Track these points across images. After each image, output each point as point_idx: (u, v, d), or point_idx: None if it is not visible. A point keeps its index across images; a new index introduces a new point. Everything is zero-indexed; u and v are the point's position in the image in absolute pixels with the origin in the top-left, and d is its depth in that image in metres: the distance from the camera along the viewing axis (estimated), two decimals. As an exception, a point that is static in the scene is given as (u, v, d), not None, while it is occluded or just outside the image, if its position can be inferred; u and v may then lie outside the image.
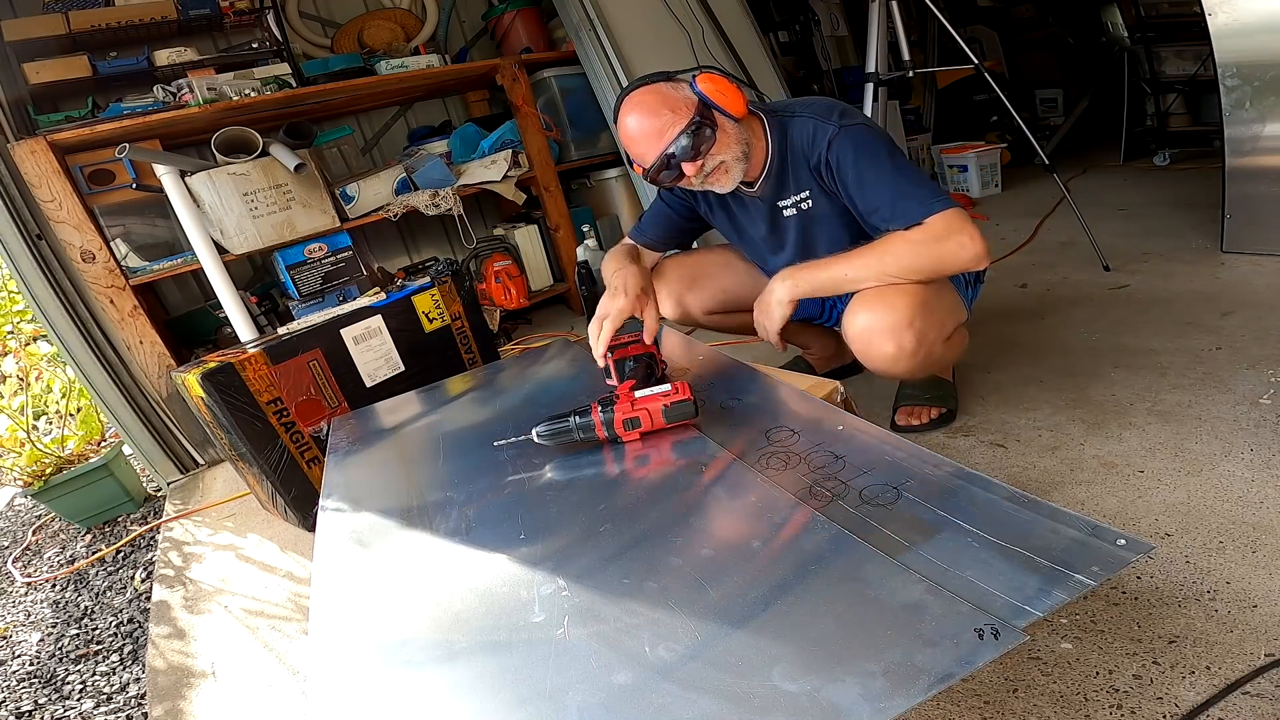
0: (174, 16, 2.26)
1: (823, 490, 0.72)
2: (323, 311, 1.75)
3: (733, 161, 1.18)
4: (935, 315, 1.16)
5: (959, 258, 1.09)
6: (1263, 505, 0.96)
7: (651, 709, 0.50)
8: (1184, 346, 1.46)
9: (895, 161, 1.14)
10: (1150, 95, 3.13)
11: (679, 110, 1.13)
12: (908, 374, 1.23)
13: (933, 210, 1.09)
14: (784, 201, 1.28)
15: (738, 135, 1.18)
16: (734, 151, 1.18)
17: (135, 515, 2.08)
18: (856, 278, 1.14)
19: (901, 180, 1.13)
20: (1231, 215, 1.85)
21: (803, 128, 1.19)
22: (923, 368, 1.21)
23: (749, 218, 1.36)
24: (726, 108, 1.15)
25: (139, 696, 1.23)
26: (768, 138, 1.23)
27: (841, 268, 1.15)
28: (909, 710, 0.45)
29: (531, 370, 1.38)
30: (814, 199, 1.25)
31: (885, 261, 1.12)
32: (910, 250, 1.10)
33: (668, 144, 1.13)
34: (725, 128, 1.16)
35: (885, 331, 1.13)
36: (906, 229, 1.11)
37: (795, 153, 1.22)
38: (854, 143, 1.15)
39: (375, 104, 2.85)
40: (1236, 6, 1.65)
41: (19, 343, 2.47)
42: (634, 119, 1.15)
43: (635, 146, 1.18)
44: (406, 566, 0.78)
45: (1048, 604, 0.50)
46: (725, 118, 1.16)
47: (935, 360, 1.22)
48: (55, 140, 1.89)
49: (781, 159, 1.24)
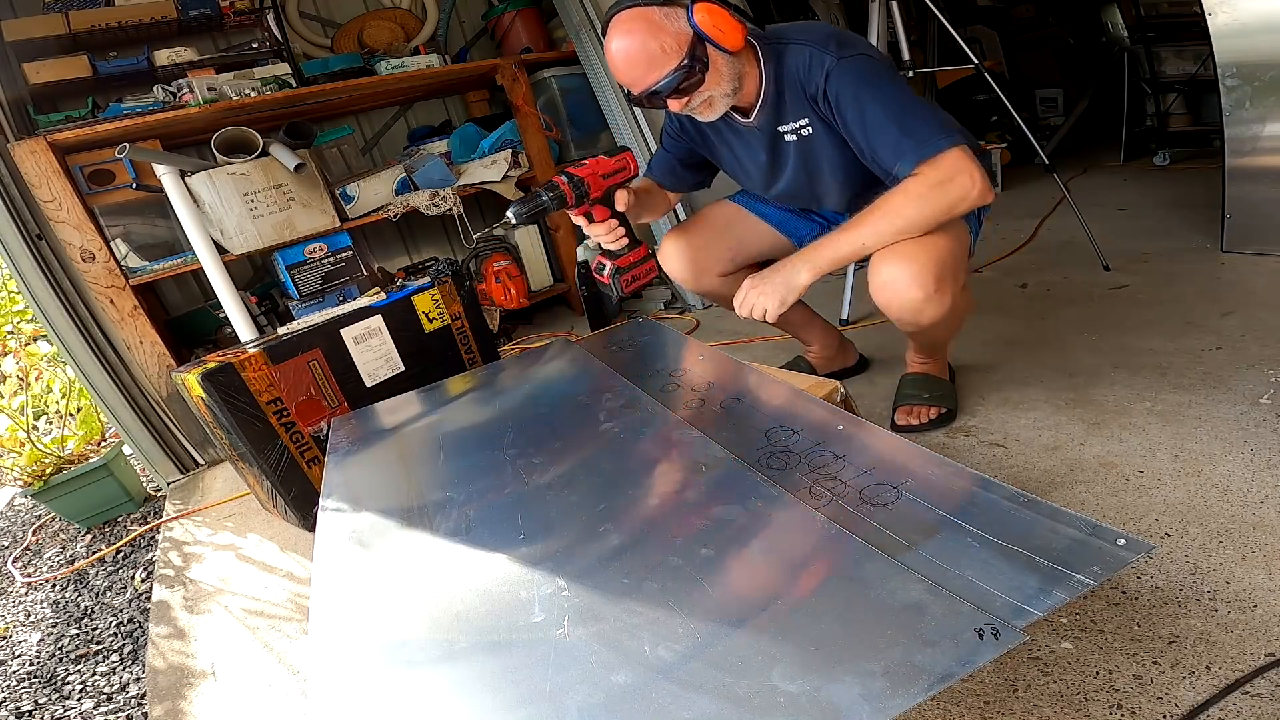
0: (174, 16, 2.25)
1: (823, 490, 0.72)
2: (323, 311, 1.75)
3: (720, 96, 1.16)
4: (953, 256, 1.16)
5: (966, 199, 1.09)
6: (1263, 505, 0.96)
7: (651, 709, 0.50)
8: (1184, 346, 1.46)
9: (895, 95, 1.10)
10: (1150, 95, 3.13)
11: (669, 47, 1.08)
12: (933, 321, 1.20)
13: (936, 149, 1.07)
14: (784, 127, 1.25)
15: (730, 70, 1.15)
16: (723, 87, 1.15)
17: (135, 515, 2.08)
18: (875, 243, 1.15)
19: (903, 117, 1.09)
20: (1231, 215, 1.85)
21: (798, 57, 1.15)
22: (947, 317, 1.20)
23: (748, 148, 1.33)
24: (722, 42, 1.10)
25: (139, 696, 1.23)
26: (762, 67, 1.19)
27: (857, 237, 1.15)
28: (909, 710, 0.45)
29: (531, 370, 1.38)
30: (813, 127, 1.22)
31: (897, 222, 1.11)
32: (918, 205, 1.09)
33: (654, 81, 1.11)
34: (717, 64, 1.13)
35: (910, 280, 1.14)
36: (912, 172, 1.09)
37: (792, 82, 1.18)
38: (853, 76, 1.11)
39: (375, 104, 2.85)
40: (1236, 6, 1.65)
41: (19, 343, 2.47)
42: (621, 46, 1.11)
43: (620, 74, 1.14)
44: (406, 566, 0.78)
45: (1048, 604, 0.50)
46: (719, 52, 1.12)
47: (957, 312, 1.22)
48: (55, 140, 1.89)
49: (778, 88, 1.20)
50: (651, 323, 1.40)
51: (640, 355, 1.26)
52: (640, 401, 1.04)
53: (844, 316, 2.07)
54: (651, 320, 1.44)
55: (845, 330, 2.03)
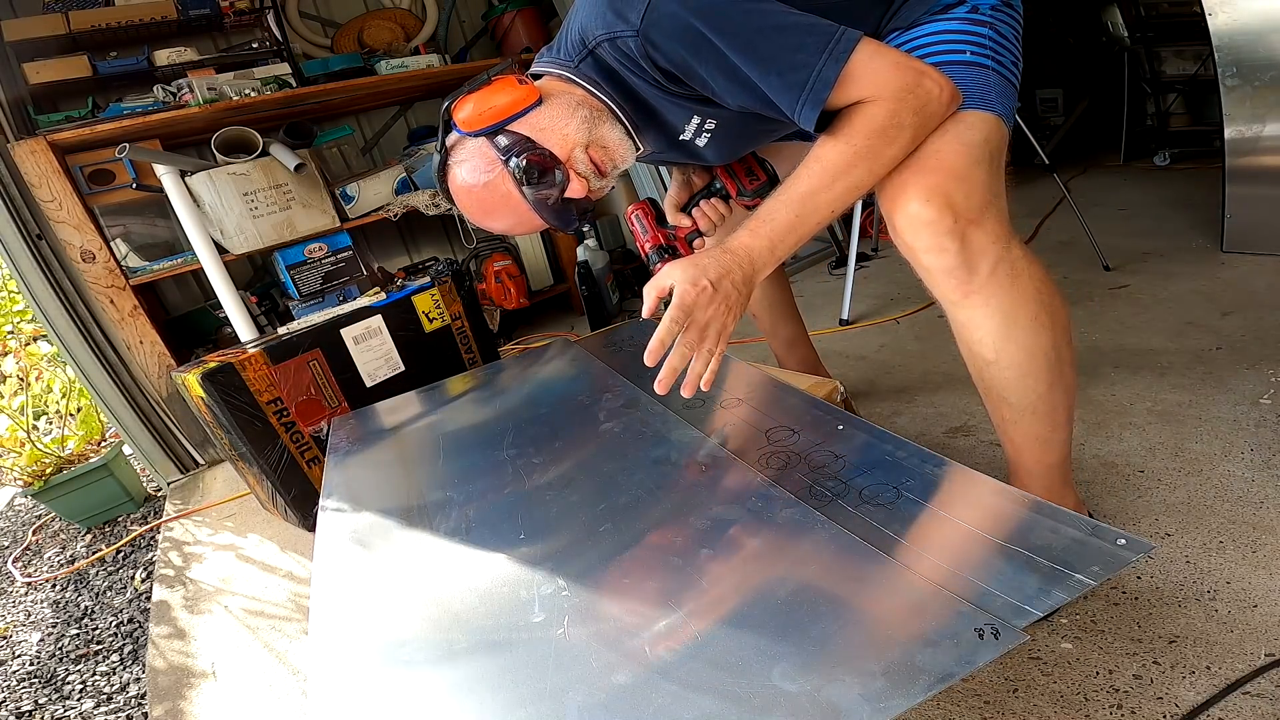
0: (174, 16, 2.26)
1: (823, 490, 0.72)
2: (323, 311, 1.75)
3: (585, 138, 0.86)
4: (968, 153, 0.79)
5: (927, 103, 0.76)
6: (1263, 505, 0.96)
7: (651, 709, 0.50)
8: (1184, 346, 1.45)
9: (737, 27, 0.75)
10: (1150, 95, 3.13)
11: (497, 184, 0.86)
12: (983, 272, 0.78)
13: (835, 67, 0.74)
14: (684, 135, 0.94)
15: (559, 113, 0.86)
16: (571, 128, 0.85)
17: (135, 515, 2.08)
18: (828, 213, 0.80)
19: (774, 49, 0.75)
20: (1231, 215, 1.84)
21: (610, 53, 0.84)
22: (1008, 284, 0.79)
23: (681, 153, 1.01)
24: (511, 113, 0.84)
25: (139, 696, 1.23)
26: (589, 88, 0.88)
27: (798, 212, 0.79)
28: (909, 710, 0.45)
29: (531, 370, 1.38)
30: (710, 115, 0.91)
31: (839, 172, 0.77)
32: (852, 145, 0.76)
33: (541, 224, 0.90)
34: (537, 125, 0.85)
35: (914, 195, 0.78)
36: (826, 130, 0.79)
37: (642, 88, 0.87)
38: (668, 35, 0.77)
39: (375, 104, 2.85)
40: (1236, 6, 1.65)
41: (19, 343, 2.47)
42: (486, 223, 0.94)
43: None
44: (406, 567, 0.78)
45: (1048, 604, 0.50)
46: (525, 121, 0.85)
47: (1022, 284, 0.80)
48: (55, 140, 1.89)
49: (635, 104, 0.89)
50: (651, 323, 1.40)
51: (640, 355, 1.25)
52: (640, 401, 1.04)
53: (844, 316, 2.07)
54: (651, 320, 1.44)
55: (845, 331, 2.03)
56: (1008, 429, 0.90)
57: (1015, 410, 0.87)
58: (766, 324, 1.48)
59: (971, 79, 0.82)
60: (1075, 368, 0.87)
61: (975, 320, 0.82)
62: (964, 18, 0.85)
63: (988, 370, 0.86)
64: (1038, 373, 0.84)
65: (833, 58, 0.74)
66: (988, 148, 0.80)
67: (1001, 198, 0.81)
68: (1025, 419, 0.87)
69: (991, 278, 0.79)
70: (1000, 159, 0.82)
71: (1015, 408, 0.87)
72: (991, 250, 0.78)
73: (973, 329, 0.83)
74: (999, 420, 0.91)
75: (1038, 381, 0.84)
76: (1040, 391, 0.85)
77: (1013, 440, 0.91)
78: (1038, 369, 0.83)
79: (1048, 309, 0.82)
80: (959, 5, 0.86)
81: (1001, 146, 0.83)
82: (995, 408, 0.90)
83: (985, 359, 0.85)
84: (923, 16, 0.87)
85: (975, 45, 0.84)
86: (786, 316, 1.48)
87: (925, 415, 1.44)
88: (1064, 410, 0.88)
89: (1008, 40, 0.87)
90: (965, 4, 0.86)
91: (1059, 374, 0.85)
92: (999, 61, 0.85)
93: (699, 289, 0.79)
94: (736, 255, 0.80)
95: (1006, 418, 0.89)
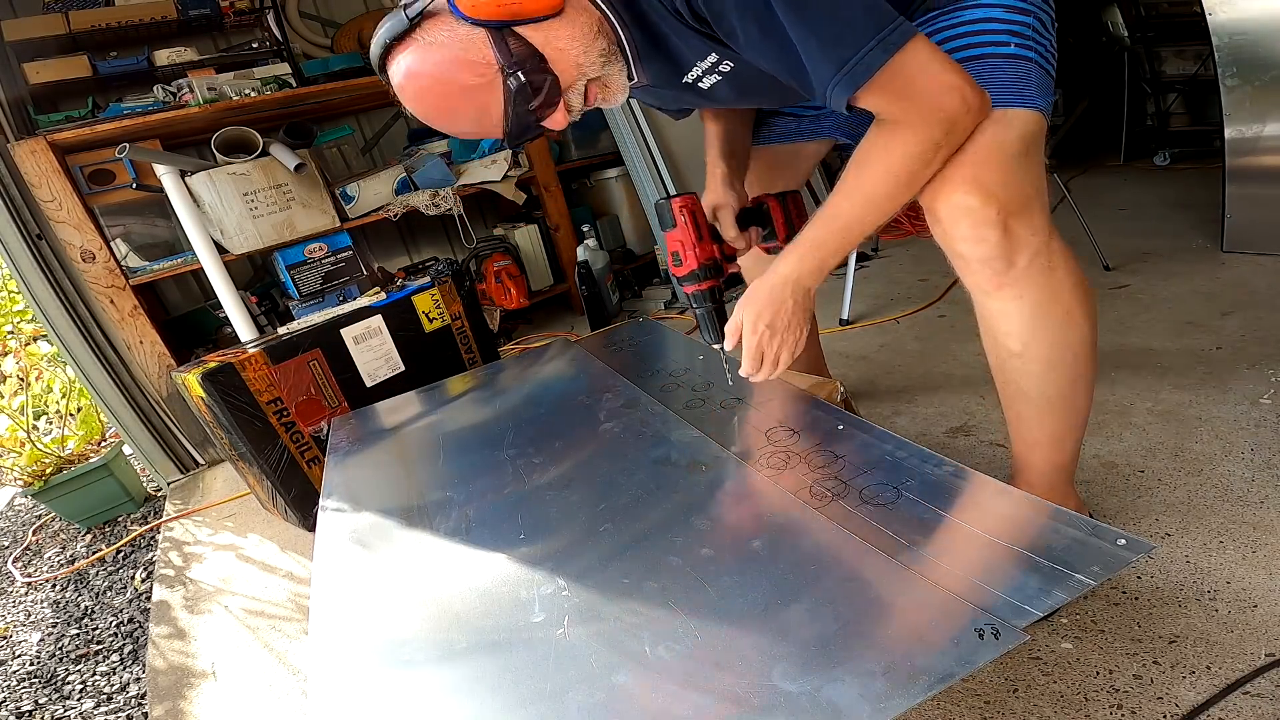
0: (174, 16, 2.26)
1: (823, 490, 0.72)
2: (323, 311, 1.75)
3: (597, 75, 0.80)
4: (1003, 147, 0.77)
5: (962, 124, 0.73)
6: (1263, 505, 0.96)
7: (651, 709, 0.50)
8: (1184, 346, 1.45)
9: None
10: (1150, 95, 3.13)
11: (475, 79, 0.74)
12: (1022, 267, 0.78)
13: (882, 56, 0.69)
14: (689, 77, 0.86)
15: (573, 33, 0.76)
16: (588, 61, 0.78)
17: (135, 515, 2.08)
18: (870, 233, 0.82)
19: (825, 10, 0.69)
20: (1231, 215, 1.85)
21: None
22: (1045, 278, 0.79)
23: (683, 98, 0.96)
24: (528, 11, 0.73)
25: (139, 696, 1.23)
26: (606, 10, 0.79)
27: (843, 238, 0.81)
28: (909, 710, 0.45)
29: (531, 370, 1.38)
30: (726, 56, 0.83)
31: (881, 201, 0.77)
32: (894, 175, 0.75)
33: (501, 134, 0.79)
34: (551, 43, 0.75)
35: (957, 184, 0.77)
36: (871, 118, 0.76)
37: (661, 14, 0.78)
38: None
39: (375, 104, 2.84)
40: (1236, 6, 1.65)
41: (19, 343, 2.47)
42: (436, 122, 0.81)
43: (459, 135, 0.85)
44: (406, 566, 0.78)
45: (1048, 604, 0.50)
46: (538, 28, 0.75)
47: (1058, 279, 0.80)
48: (55, 140, 1.89)
49: (645, 30, 0.81)
50: (651, 323, 1.40)
51: (640, 355, 1.26)
52: (640, 401, 1.04)
53: (844, 316, 2.07)
54: (651, 320, 1.44)
55: (845, 331, 2.03)
56: (1021, 425, 0.90)
57: (1033, 406, 0.87)
58: None
59: (1015, 74, 0.80)
60: (1097, 371, 0.87)
61: (1006, 311, 0.82)
62: (1008, 5, 0.82)
63: (1011, 362, 0.85)
64: (1063, 368, 0.83)
65: (883, 45, 0.69)
66: (1029, 142, 0.79)
67: (1043, 192, 0.81)
68: (1043, 415, 0.87)
69: (1028, 270, 0.78)
70: (1040, 153, 0.82)
71: (1034, 403, 0.86)
72: (1031, 243, 0.78)
73: (1002, 319, 0.83)
74: (1013, 416, 0.90)
75: (1060, 377, 0.84)
76: (1062, 388, 0.85)
77: (1024, 438, 0.90)
78: (1064, 364, 0.83)
79: (1081, 307, 0.82)
80: None
81: (1041, 140, 0.82)
82: (1011, 402, 0.89)
83: (1011, 350, 0.84)
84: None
85: (1020, 37, 0.81)
86: None
87: (925, 415, 1.44)
88: (1082, 411, 0.87)
89: (1047, 30, 0.85)
90: None
91: (1082, 373, 0.84)
92: (1040, 54, 0.82)
93: (757, 337, 0.86)
94: (785, 284, 0.84)
95: (1022, 413, 0.88)
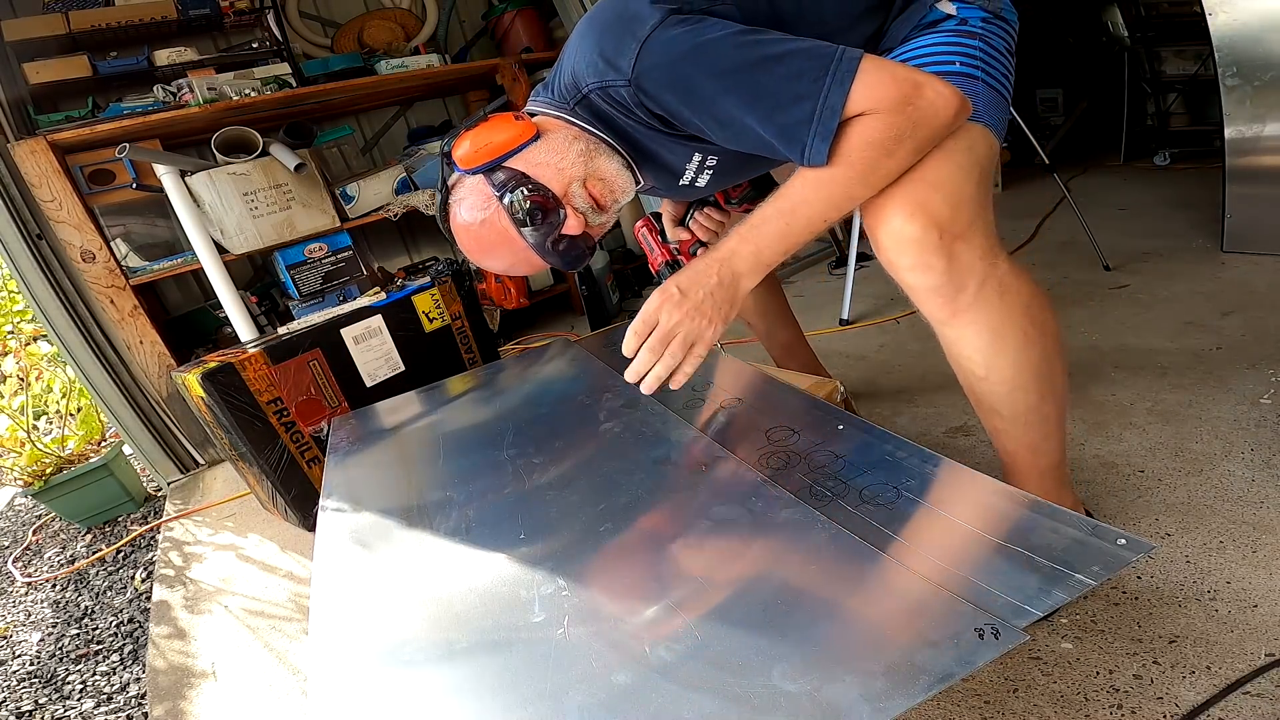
0: (174, 16, 2.26)
1: (823, 490, 0.72)
2: (323, 311, 1.75)
3: (582, 171, 0.87)
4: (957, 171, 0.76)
5: (929, 114, 0.73)
6: (1263, 505, 0.96)
7: (651, 709, 0.50)
8: (1184, 346, 1.45)
9: (734, 63, 0.73)
10: (1150, 95, 3.13)
11: (492, 222, 0.86)
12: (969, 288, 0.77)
13: (840, 92, 0.71)
14: (686, 179, 0.95)
15: (550, 146, 0.86)
16: (567, 161, 0.86)
17: (135, 515, 2.08)
18: (821, 223, 0.79)
19: (773, 83, 0.72)
20: (1231, 215, 1.84)
21: (603, 99, 0.83)
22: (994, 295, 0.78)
23: (689, 194, 1.03)
24: (508, 149, 0.85)
25: (139, 696, 1.23)
26: (589, 127, 0.88)
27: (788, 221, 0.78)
28: (909, 710, 0.45)
29: (531, 370, 1.38)
30: (711, 152, 0.90)
31: (833, 187, 0.75)
32: (848, 160, 0.74)
33: (536, 260, 0.89)
34: (533, 160, 0.85)
35: (896, 210, 0.76)
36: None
37: (638, 132, 0.87)
38: (659, 85, 0.76)
39: (375, 104, 2.85)
40: (1236, 6, 1.65)
41: (19, 343, 2.47)
42: (484, 261, 0.94)
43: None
44: (406, 566, 0.78)
45: (1048, 604, 0.50)
46: (521, 157, 0.85)
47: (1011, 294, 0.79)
48: (55, 140, 1.89)
49: (629, 144, 0.89)
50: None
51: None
52: (640, 401, 1.04)
53: (844, 316, 2.07)
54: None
55: (845, 331, 2.03)
56: (1000, 438, 0.91)
57: (1007, 421, 0.87)
58: (761, 330, 1.48)
59: (962, 89, 0.79)
60: (1066, 376, 0.87)
61: (964, 339, 0.82)
62: (953, 30, 0.84)
63: (979, 385, 0.86)
64: (1028, 386, 0.83)
65: (837, 81, 0.71)
66: (974, 158, 0.78)
67: (988, 211, 0.79)
68: (1017, 429, 0.87)
69: (979, 296, 0.77)
70: (988, 172, 0.81)
71: (1007, 419, 0.87)
72: (979, 267, 0.76)
73: (962, 346, 0.83)
74: (992, 429, 0.91)
75: (1028, 394, 0.84)
76: (1031, 404, 0.85)
77: (1005, 448, 0.91)
78: (1028, 383, 0.83)
79: (1037, 323, 0.81)
80: (948, 20, 0.85)
81: (990, 159, 0.81)
82: (987, 418, 0.90)
83: (976, 375, 0.84)
84: (912, 33, 0.87)
85: (964, 57, 0.83)
86: (782, 322, 1.47)
87: (925, 415, 1.44)
88: (1055, 420, 0.88)
89: (999, 53, 0.86)
90: (954, 18, 0.85)
91: (1049, 386, 0.84)
92: (989, 73, 0.83)
93: (664, 296, 0.80)
94: (715, 260, 0.80)
95: (999, 428, 0.89)
